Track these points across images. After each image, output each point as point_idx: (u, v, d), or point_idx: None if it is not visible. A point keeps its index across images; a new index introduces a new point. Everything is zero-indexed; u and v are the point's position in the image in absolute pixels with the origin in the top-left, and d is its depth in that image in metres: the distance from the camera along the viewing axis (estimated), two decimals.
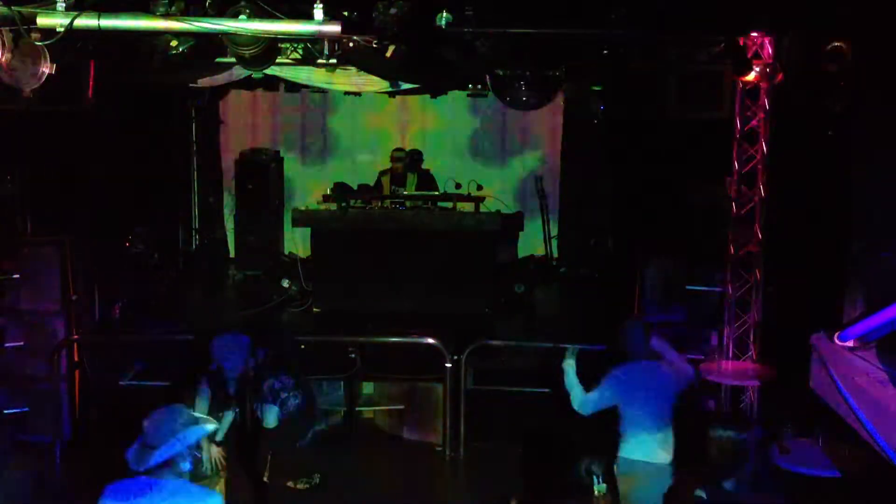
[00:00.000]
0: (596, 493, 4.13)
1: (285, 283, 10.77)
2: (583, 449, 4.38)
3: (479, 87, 10.11)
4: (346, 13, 5.77)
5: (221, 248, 12.71)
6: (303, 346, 7.77)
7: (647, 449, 5.57)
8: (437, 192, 10.75)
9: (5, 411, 7.71)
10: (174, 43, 6.18)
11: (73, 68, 7.35)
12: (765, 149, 7.57)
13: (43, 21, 5.14)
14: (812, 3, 6.17)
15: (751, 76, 7.26)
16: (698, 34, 7.19)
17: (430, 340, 7.94)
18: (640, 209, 9.93)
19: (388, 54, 6.47)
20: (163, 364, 8.46)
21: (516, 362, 8.68)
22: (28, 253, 7.93)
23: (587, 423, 5.78)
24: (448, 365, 7.81)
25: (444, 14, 6.22)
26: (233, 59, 7.49)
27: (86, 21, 5.20)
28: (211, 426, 3.99)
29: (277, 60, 7.57)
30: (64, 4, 5.16)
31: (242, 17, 5.49)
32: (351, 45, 6.66)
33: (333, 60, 7.05)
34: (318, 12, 5.34)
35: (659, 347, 5.72)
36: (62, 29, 5.14)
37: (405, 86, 9.80)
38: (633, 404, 5.60)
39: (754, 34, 7.19)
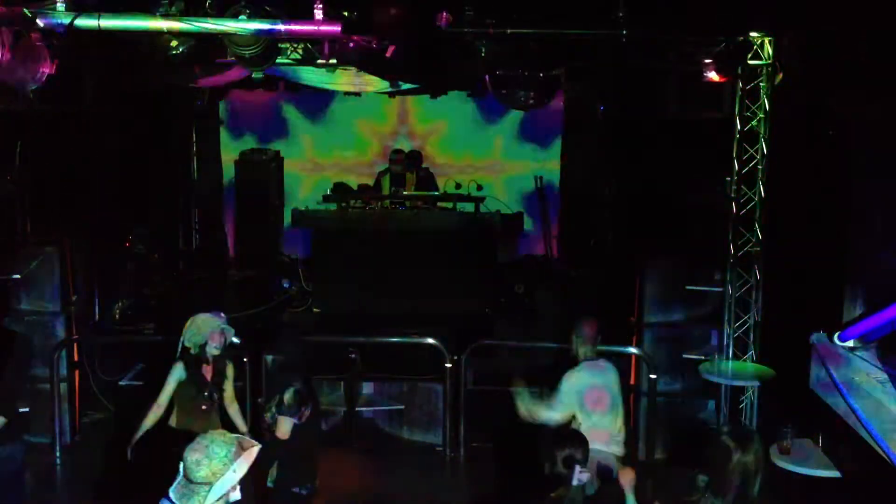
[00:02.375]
0: (575, 481, 4.13)
1: (285, 284, 10.76)
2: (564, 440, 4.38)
3: (479, 87, 10.12)
4: (346, 13, 5.76)
5: (221, 248, 12.71)
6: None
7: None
8: (436, 192, 10.75)
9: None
10: (174, 43, 6.18)
11: (73, 68, 7.36)
12: (765, 149, 7.57)
13: (43, 21, 5.15)
14: (812, 2, 6.17)
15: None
16: (698, 34, 7.19)
17: (430, 340, 7.93)
18: (640, 209, 9.92)
19: (388, 54, 6.47)
20: (163, 364, 8.45)
21: (516, 362, 8.67)
22: (28, 253, 7.92)
23: None
24: (448, 365, 7.81)
25: (445, 14, 6.23)
26: (233, 59, 7.50)
27: (86, 21, 5.21)
28: (256, 448, 3.50)
29: (277, 60, 7.57)
30: (64, 4, 5.17)
31: (242, 17, 5.50)
32: (351, 45, 6.66)
33: (333, 60, 7.06)
34: (318, 12, 5.36)
35: None
36: (62, 29, 5.15)
37: (405, 86, 9.80)
38: (585, 405, 5.69)
39: (754, 34, 7.19)
